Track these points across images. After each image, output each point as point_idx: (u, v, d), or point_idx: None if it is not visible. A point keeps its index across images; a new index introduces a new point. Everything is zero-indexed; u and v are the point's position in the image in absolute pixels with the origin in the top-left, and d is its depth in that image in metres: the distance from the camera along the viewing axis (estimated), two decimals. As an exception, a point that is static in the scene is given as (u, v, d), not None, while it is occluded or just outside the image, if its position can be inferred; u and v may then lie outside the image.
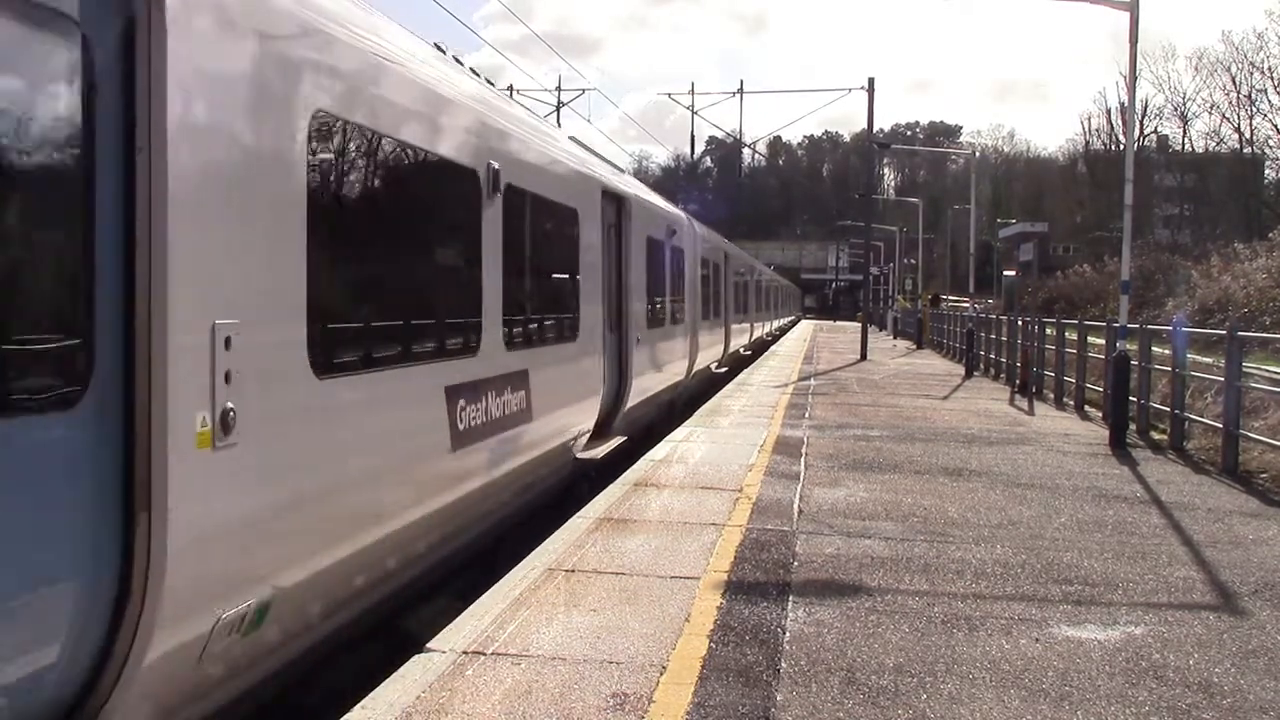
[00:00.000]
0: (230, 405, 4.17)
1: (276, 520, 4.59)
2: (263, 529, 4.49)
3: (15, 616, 3.40)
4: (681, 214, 18.85)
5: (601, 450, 11.01)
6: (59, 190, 3.61)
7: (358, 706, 4.46)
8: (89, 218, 3.64)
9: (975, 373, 25.16)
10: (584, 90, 60.22)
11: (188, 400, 3.94)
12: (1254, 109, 71.06)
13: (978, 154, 73.93)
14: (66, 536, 3.54)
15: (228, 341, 4.18)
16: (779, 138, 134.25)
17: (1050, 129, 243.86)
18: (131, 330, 3.77)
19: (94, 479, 3.64)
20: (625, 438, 11.98)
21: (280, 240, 4.68)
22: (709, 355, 21.58)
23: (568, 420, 9.70)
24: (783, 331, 54.71)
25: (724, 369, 24.62)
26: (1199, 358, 17.14)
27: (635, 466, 10.67)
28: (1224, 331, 13.29)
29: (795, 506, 8.81)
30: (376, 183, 5.92)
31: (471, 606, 5.87)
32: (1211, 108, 76.34)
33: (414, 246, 6.37)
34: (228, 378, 4.16)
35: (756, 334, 36.75)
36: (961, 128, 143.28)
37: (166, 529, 3.75)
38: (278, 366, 4.63)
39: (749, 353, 32.04)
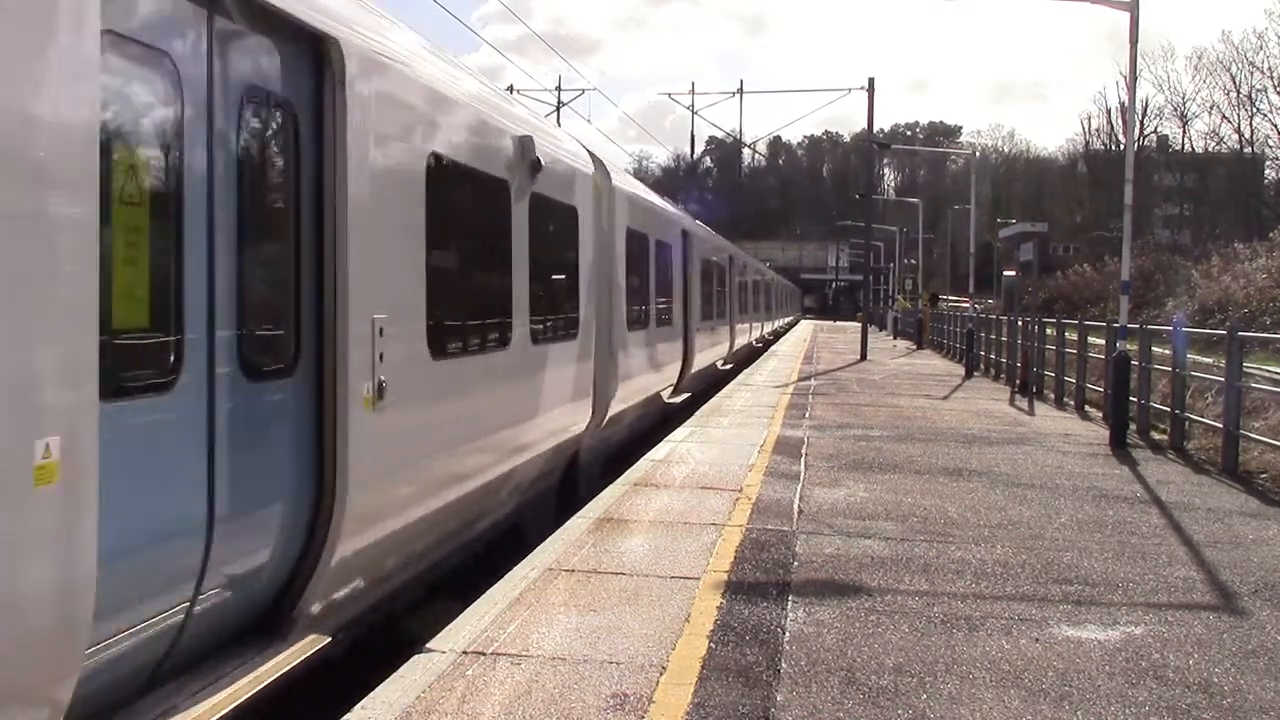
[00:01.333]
0: None
1: None
2: None
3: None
4: (587, 154, 11.32)
5: None
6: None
7: (358, 706, 4.46)
8: None
9: (975, 373, 25.16)
10: (584, 90, 60.23)
11: None
12: (1254, 109, 71.16)
13: (978, 154, 74.01)
14: None
15: None
16: (779, 138, 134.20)
17: (1049, 129, 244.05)
18: None
19: None
20: (329, 637, 5.22)
21: None
22: (653, 380, 14.66)
23: None
24: (776, 336, 48.76)
25: (684, 396, 17.62)
26: (1199, 358, 17.16)
27: (635, 466, 10.66)
28: (1224, 331, 13.29)
29: (795, 506, 8.80)
30: None
31: (471, 606, 5.87)
32: (1211, 108, 76.44)
33: None
34: None
35: (741, 341, 29.36)
36: (961, 128, 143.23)
37: None
38: None
39: (729, 366, 25.11)
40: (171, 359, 4.19)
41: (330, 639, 5.19)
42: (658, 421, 15.63)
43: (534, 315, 8.70)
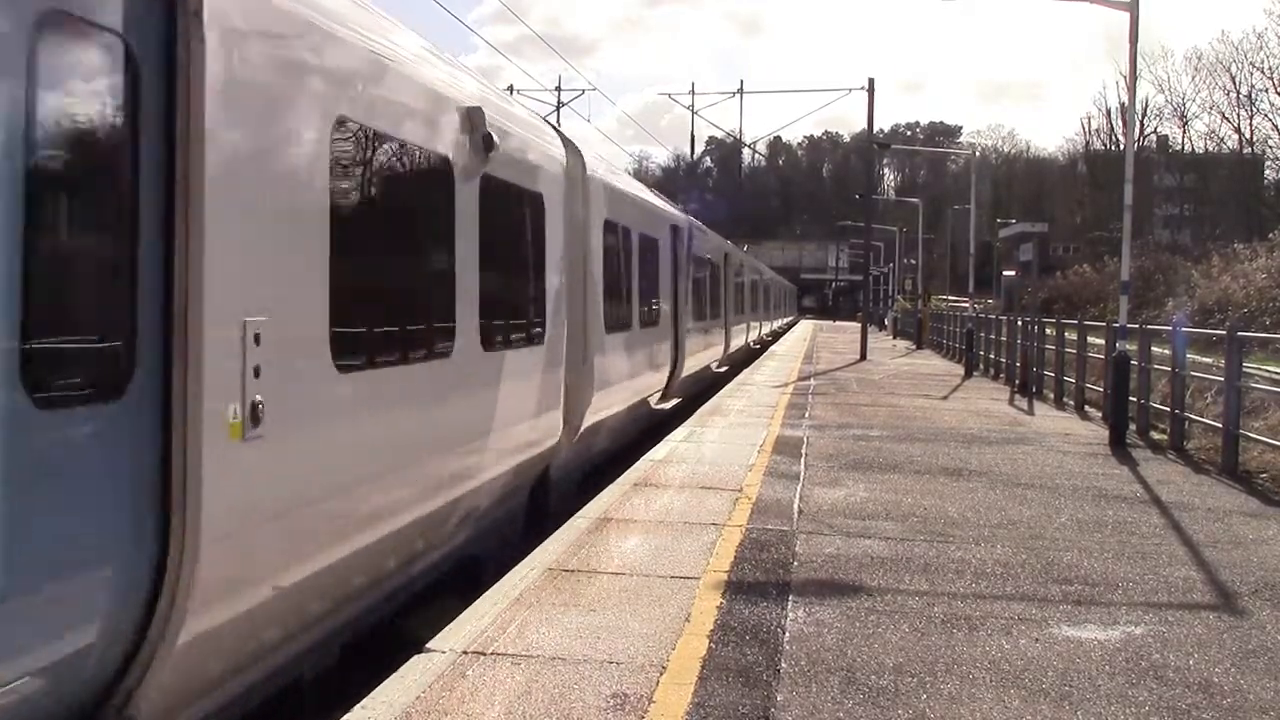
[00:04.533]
0: None
1: None
2: None
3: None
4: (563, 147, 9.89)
5: None
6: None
7: (358, 706, 4.46)
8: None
9: (975, 373, 25.16)
10: (584, 91, 60.15)
11: None
12: (1254, 109, 71.21)
13: (977, 154, 74.03)
14: None
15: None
16: (779, 138, 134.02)
17: (1045, 130, 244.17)
18: None
19: None
20: None
21: None
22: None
23: None
24: (749, 354, 34.03)
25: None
26: (1199, 358, 17.15)
27: (635, 466, 10.65)
28: (1224, 331, 13.29)
29: (795, 506, 8.80)
30: None
31: (471, 606, 5.86)
32: (1211, 108, 76.52)
33: None
34: None
35: (714, 355, 22.72)
36: (961, 128, 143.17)
37: None
38: None
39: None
40: None
41: None
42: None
43: (484, 318, 7.28)
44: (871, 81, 31.11)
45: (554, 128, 10.44)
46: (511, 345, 8.09)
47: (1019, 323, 21.84)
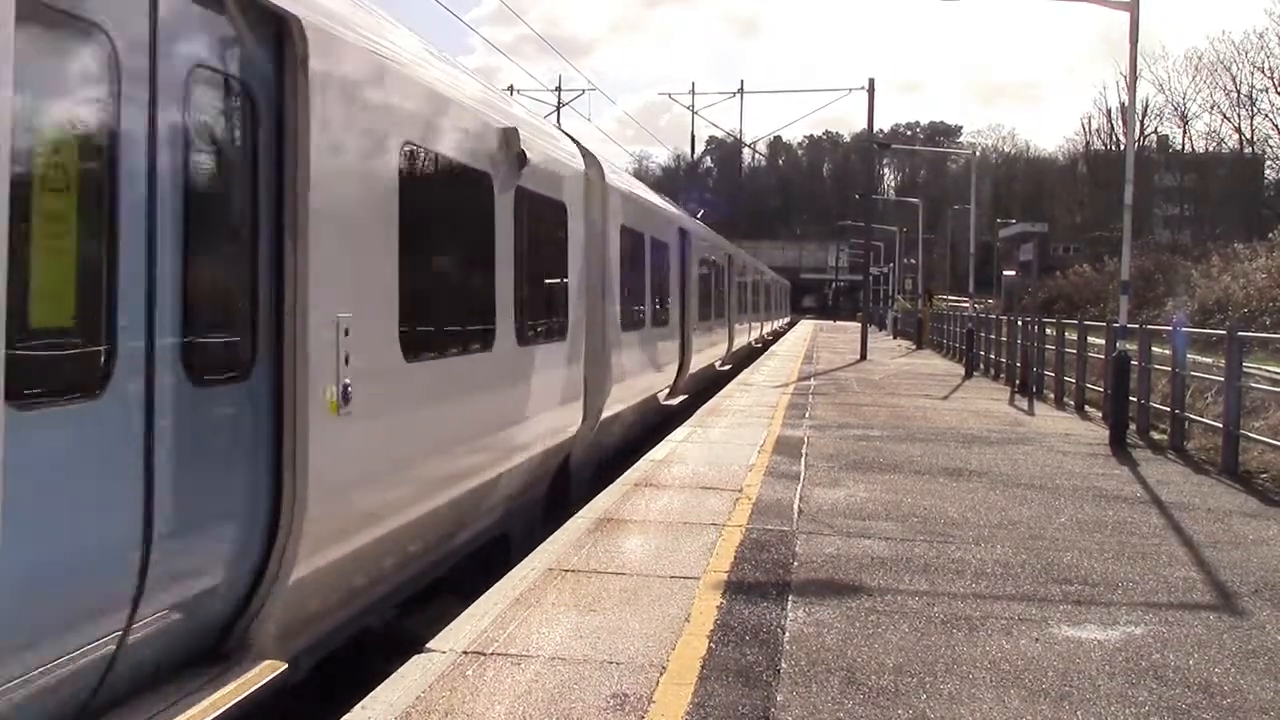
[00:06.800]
0: None
1: None
2: None
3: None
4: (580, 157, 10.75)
5: None
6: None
7: (358, 706, 4.46)
8: None
9: (975, 373, 25.16)
10: (583, 91, 60.07)
11: None
12: (1254, 109, 71.24)
13: (977, 154, 73.94)
14: None
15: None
16: (779, 138, 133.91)
17: (1043, 130, 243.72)
18: None
19: None
20: (285, 664, 5.39)
21: None
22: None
23: None
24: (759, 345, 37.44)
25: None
26: (1199, 358, 17.15)
27: (635, 466, 10.66)
28: (1224, 331, 13.30)
29: (795, 506, 8.80)
30: None
31: (471, 606, 5.87)
32: (1212, 108, 76.57)
33: None
34: None
35: (741, 342, 28.02)
36: (961, 128, 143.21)
37: None
38: None
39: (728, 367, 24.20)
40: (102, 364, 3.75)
41: (287, 665, 4.76)
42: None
43: (520, 315, 8.20)
44: (871, 82, 31.15)
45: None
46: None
47: (1019, 323, 21.84)
